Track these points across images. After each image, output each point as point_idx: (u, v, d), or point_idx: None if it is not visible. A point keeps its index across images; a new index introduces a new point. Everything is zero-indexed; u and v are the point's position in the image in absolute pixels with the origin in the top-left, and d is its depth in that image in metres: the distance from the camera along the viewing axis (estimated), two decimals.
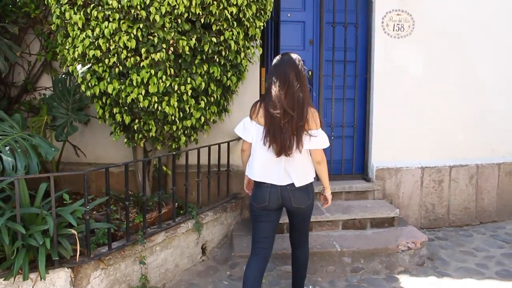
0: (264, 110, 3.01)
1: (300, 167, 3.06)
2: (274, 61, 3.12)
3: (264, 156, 3.05)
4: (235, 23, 3.75)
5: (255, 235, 3.24)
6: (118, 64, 3.55)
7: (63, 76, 4.45)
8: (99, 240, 3.56)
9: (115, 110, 3.78)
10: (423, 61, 5.18)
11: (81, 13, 3.46)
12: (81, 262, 3.22)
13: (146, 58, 3.49)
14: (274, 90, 2.96)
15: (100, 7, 3.41)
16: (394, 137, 5.17)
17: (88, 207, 3.24)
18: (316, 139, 3.02)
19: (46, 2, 3.77)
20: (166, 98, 3.66)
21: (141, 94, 3.57)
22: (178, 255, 4.07)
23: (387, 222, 4.70)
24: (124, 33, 3.41)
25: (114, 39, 3.43)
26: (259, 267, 3.19)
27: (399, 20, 5.08)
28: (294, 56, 3.08)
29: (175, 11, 3.40)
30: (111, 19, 3.40)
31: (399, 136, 5.19)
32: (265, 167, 3.07)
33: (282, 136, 2.93)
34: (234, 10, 3.63)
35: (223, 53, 3.78)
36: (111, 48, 3.47)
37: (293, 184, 3.06)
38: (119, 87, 3.58)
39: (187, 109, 3.80)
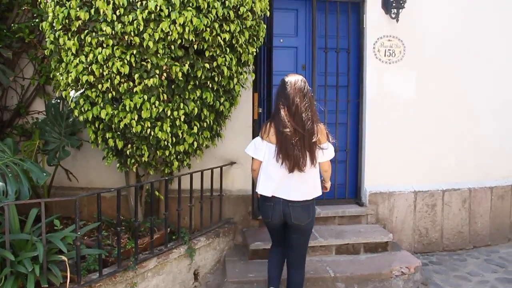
0: (274, 129, 3.19)
1: (311, 180, 3.26)
2: (280, 83, 3.29)
3: (276, 173, 3.21)
4: (228, 49, 3.78)
5: (271, 237, 3.59)
6: (111, 90, 3.56)
7: (56, 100, 4.46)
8: (90, 266, 3.52)
9: (107, 135, 3.78)
10: (414, 87, 5.23)
11: (75, 39, 3.48)
12: None
13: (139, 83, 3.51)
14: (283, 111, 3.15)
15: (94, 33, 3.43)
16: (386, 162, 5.19)
17: (79, 233, 3.21)
18: (327, 151, 3.26)
19: (40, 28, 3.80)
20: (159, 123, 3.67)
21: (134, 119, 3.58)
22: (170, 281, 4.02)
23: (381, 247, 4.68)
24: (117, 59, 3.43)
25: (107, 64, 3.45)
26: (280, 254, 3.54)
27: (390, 46, 5.15)
28: (300, 77, 3.26)
29: (169, 37, 3.42)
30: (104, 45, 3.42)
31: (391, 160, 5.21)
32: (276, 183, 3.23)
33: (295, 153, 3.11)
34: (227, 36, 3.66)
35: (216, 78, 3.80)
36: (105, 73, 3.49)
37: (296, 201, 3.22)
38: (112, 112, 3.59)
39: (180, 134, 3.80)
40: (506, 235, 5.63)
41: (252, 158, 3.41)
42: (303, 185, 3.22)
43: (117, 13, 3.35)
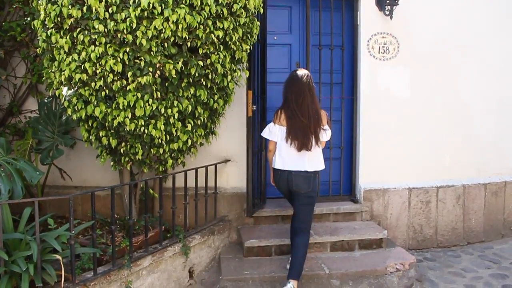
0: (284, 115, 3.82)
1: (314, 156, 3.85)
2: (289, 76, 3.90)
3: (287, 151, 3.84)
4: (221, 46, 3.77)
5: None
6: (105, 88, 3.54)
7: (49, 99, 4.43)
8: (84, 265, 3.50)
9: (101, 133, 3.76)
10: (409, 84, 5.24)
11: (68, 37, 3.45)
12: None
13: (133, 81, 3.49)
14: (291, 102, 3.77)
15: (86, 31, 3.41)
16: (381, 158, 5.20)
17: (73, 231, 3.19)
18: (328, 132, 3.89)
19: (32, 26, 3.76)
20: (153, 121, 3.65)
21: (128, 117, 3.56)
22: (165, 279, 4.01)
23: (375, 244, 4.69)
24: (110, 57, 3.41)
25: (100, 62, 3.43)
26: None
27: (384, 43, 5.15)
28: (306, 72, 3.87)
29: (162, 35, 3.41)
30: (97, 43, 3.40)
31: (386, 157, 5.21)
32: (287, 159, 3.85)
33: (302, 136, 3.74)
34: (221, 34, 3.65)
35: (210, 76, 3.79)
36: (98, 71, 3.46)
37: (299, 171, 3.82)
38: (105, 110, 3.57)
39: (174, 132, 3.79)
40: (500, 231, 5.66)
41: (268, 140, 4.02)
42: (309, 160, 3.81)
43: (110, 10, 3.32)
